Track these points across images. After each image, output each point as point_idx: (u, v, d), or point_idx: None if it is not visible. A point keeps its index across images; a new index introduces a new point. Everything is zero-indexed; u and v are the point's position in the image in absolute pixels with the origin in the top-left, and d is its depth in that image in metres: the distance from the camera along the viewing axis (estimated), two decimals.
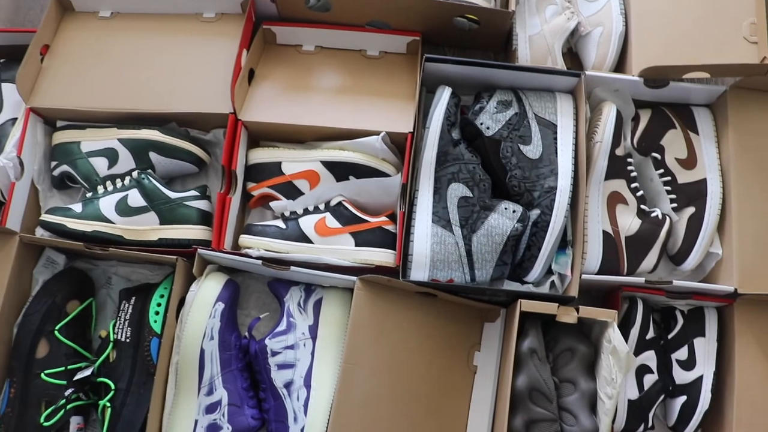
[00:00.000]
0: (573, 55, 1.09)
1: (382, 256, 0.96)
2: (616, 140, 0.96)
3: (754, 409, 0.91)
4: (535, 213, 0.94)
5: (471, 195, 0.93)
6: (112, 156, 0.99)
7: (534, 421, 0.89)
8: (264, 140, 1.05)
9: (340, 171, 0.99)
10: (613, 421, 0.94)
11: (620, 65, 1.04)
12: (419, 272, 0.92)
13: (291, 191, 1.00)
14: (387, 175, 0.99)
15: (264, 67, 1.06)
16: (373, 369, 0.91)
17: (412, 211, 0.94)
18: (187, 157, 1.01)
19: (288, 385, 0.93)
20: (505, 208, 0.93)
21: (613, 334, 0.88)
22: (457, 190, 0.94)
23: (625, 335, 0.94)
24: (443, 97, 0.96)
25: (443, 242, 0.92)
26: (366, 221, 0.98)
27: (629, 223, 0.96)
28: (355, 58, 1.08)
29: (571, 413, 0.90)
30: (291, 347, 0.93)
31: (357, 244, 0.97)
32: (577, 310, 0.90)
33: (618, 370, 0.86)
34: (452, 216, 0.93)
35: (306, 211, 0.99)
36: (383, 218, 0.98)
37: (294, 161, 0.99)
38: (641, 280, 0.92)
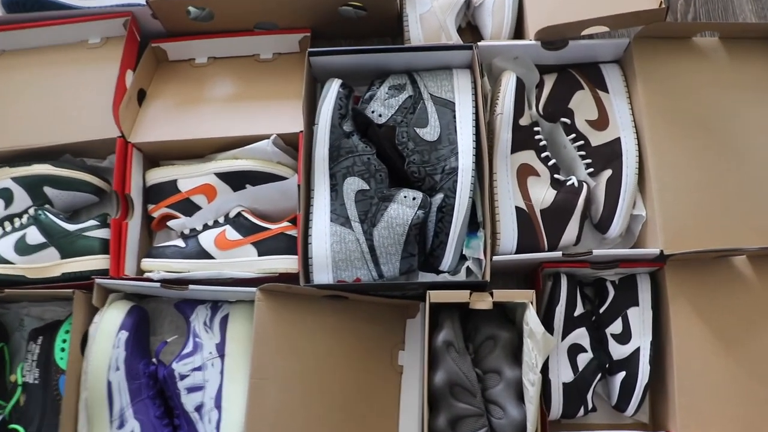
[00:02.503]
0: (473, 28, 1.04)
1: (287, 263, 0.92)
2: (519, 110, 0.91)
3: (694, 374, 0.84)
4: (438, 197, 0.89)
5: (368, 187, 0.88)
6: (6, 196, 0.96)
7: (459, 417, 0.83)
8: (163, 160, 1.01)
9: (236, 181, 0.95)
10: (549, 407, 0.87)
11: (519, 31, 0.99)
12: (322, 275, 0.87)
13: (190, 208, 0.96)
14: (284, 179, 0.95)
15: (156, 86, 1.03)
16: (284, 382, 0.86)
17: (309, 212, 0.89)
18: (84, 188, 0.98)
19: (199, 408, 0.88)
20: (405, 197, 0.88)
21: (529, 315, 0.82)
22: (353, 184, 0.89)
23: (551, 314, 0.88)
24: (331, 89, 0.91)
25: (343, 240, 0.87)
26: (267, 229, 0.94)
27: (543, 195, 0.90)
28: (249, 64, 1.05)
29: (498, 405, 0.84)
30: (199, 368, 0.89)
31: (260, 254, 0.93)
32: (492, 295, 0.84)
33: (537, 354, 0.80)
34: (350, 212, 0.88)
35: (206, 227, 0.95)
36: (285, 223, 0.94)
37: (189, 177, 0.96)
38: (558, 254, 0.86)
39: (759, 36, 0.94)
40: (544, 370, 0.87)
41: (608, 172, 0.91)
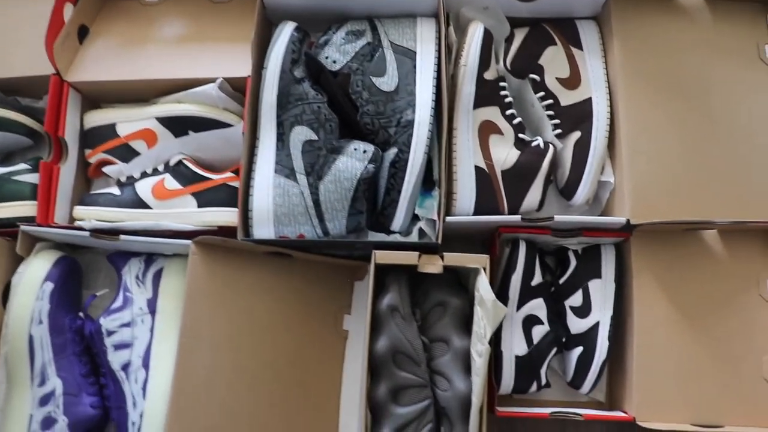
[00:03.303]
0: None
1: (228, 216, 0.85)
2: (485, 62, 0.84)
3: (654, 353, 0.79)
4: (392, 152, 0.83)
5: (317, 138, 0.82)
6: None
7: (401, 387, 0.77)
8: (105, 102, 0.94)
9: (178, 126, 0.88)
10: (500, 381, 0.81)
11: None
12: (263, 229, 0.81)
13: (128, 154, 0.89)
14: (229, 126, 0.88)
15: (101, 24, 0.96)
16: (217, 342, 0.80)
17: (252, 161, 0.83)
18: (16, 129, 0.91)
19: (126, 367, 0.82)
20: (355, 149, 0.81)
21: (481, 281, 0.75)
22: (301, 134, 0.82)
23: (507, 283, 0.82)
24: (284, 32, 0.85)
25: (287, 193, 0.81)
26: (209, 179, 0.87)
27: (505, 155, 0.84)
28: (202, 5, 0.97)
29: (444, 376, 0.78)
30: (128, 325, 0.83)
31: (200, 205, 0.86)
32: (443, 258, 0.77)
33: (487, 323, 0.74)
34: (296, 163, 0.82)
35: (144, 175, 0.88)
36: (228, 174, 0.88)
37: (129, 121, 0.89)
38: (517, 218, 0.80)
39: None
40: (496, 341, 0.81)
41: (577, 135, 0.85)
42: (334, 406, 0.86)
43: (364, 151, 0.81)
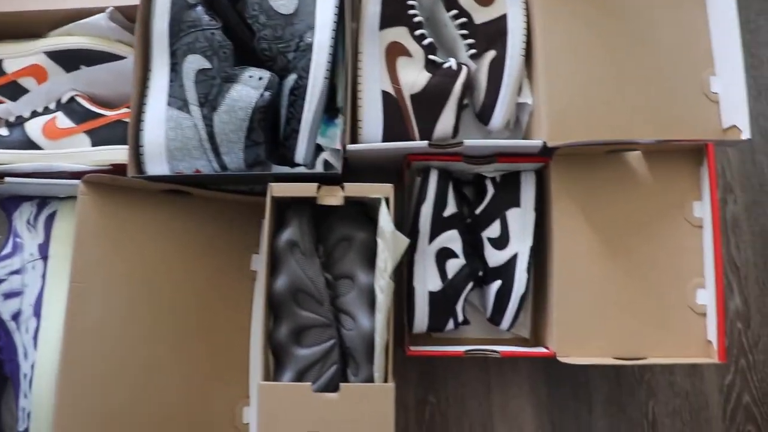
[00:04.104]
0: None
1: (123, 154, 0.79)
2: None
3: (574, 284, 0.74)
4: (291, 79, 0.77)
5: (210, 66, 0.76)
6: None
7: (303, 327, 0.73)
8: None
9: (69, 61, 0.83)
10: (413, 319, 0.77)
11: None
12: (156, 165, 0.76)
13: (17, 92, 0.84)
14: (123, 58, 0.82)
15: None
16: (111, 287, 0.75)
17: (144, 94, 0.77)
18: None
19: (16, 317, 0.78)
20: (250, 76, 0.75)
21: (381, 211, 0.70)
22: (194, 63, 0.76)
23: (418, 214, 0.76)
24: None
25: (180, 126, 0.75)
26: (102, 116, 0.81)
27: (415, 78, 0.78)
28: None
29: (350, 314, 0.73)
30: (17, 272, 0.78)
31: (94, 144, 0.81)
32: (344, 189, 0.72)
33: (388, 256, 0.69)
34: (189, 94, 0.76)
35: (34, 114, 0.83)
36: (124, 110, 0.82)
37: (15, 57, 0.83)
38: (424, 144, 0.74)
39: None
40: (409, 277, 0.76)
41: (491, 54, 0.78)
42: (243, 349, 0.82)
43: (260, 78, 0.75)
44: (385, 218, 0.69)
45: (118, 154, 0.80)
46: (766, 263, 0.88)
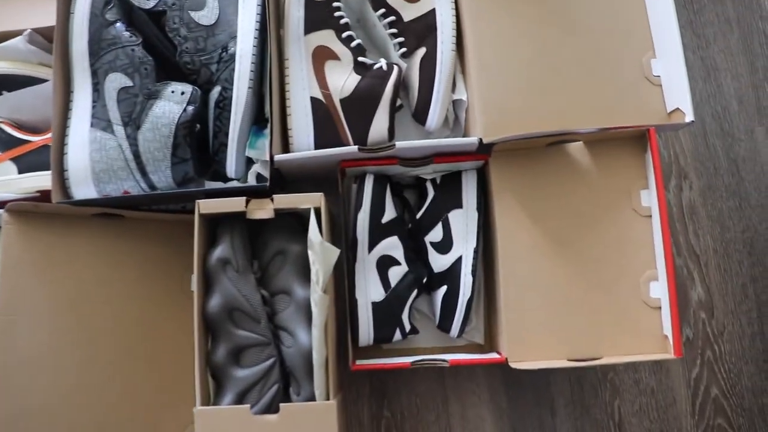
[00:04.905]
0: None
1: (48, 180, 0.77)
2: None
3: (521, 286, 0.71)
4: (215, 91, 0.74)
5: (132, 84, 0.73)
6: None
7: (241, 347, 0.70)
8: None
9: None
10: (357, 332, 0.73)
11: None
12: (82, 189, 0.73)
13: None
14: (45, 81, 0.79)
15: None
16: (43, 318, 0.72)
17: (67, 117, 0.74)
18: None
19: None
20: (172, 92, 0.73)
21: (311, 222, 0.67)
22: (115, 81, 0.74)
23: (355, 221, 0.73)
24: None
25: (104, 147, 0.73)
26: (27, 142, 0.79)
27: (344, 81, 0.75)
28: None
29: (288, 330, 0.71)
30: None
31: (21, 171, 0.78)
32: (273, 201, 0.69)
33: (319, 268, 0.66)
34: (112, 114, 0.73)
35: None
36: (49, 134, 0.79)
37: None
38: (353, 149, 0.71)
39: None
40: (351, 288, 0.73)
41: (422, 51, 0.76)
42: (189, 373, 0.78)
43: (182, 93, 0.73)
44: (314, 229, 0.67)
45: (46, 180, 0.77)
46: (726, 249, 0.85)
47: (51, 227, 0.74)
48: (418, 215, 0.76)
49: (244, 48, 0.73)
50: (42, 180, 0.78)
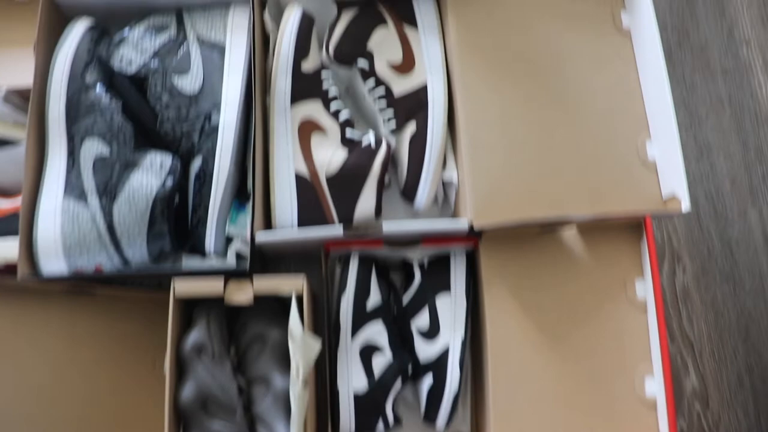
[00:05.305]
0: None
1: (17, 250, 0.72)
2: (302, 51, 0.72)
3: (511, 379, 0.68)
4: (196, 163, 0.71)
5: (109, 151, 0.70)
6: None
7: None
8: None
9: None
10: (338, 424, 0.70)
11: None
12: (52, 263, 0.69)
13: None
14: (20, 143, 0.76)
15: None
16: (6, 402, 0.67)
17: (39, 183, 0.70)
18: None
19: None
20: (151, 162, 0.70)
21: (292, 310, 0.64)
22: (92, 148, 0.70)
23: (338, 306, 0.70)
24: (74, 31, 0.73)
25: (76, 219, 0.69)
26: None
27: (330, 157, 0.72)
28: (1, 5, 0.85)
29: (265, 423, 0.66)
30: None
31: None
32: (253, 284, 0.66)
33: (300, 360, 0.62)
34: (87, 183, 0.70)
35: None
36: (20, 199, 0.75)
37: None
38: (338, 230, 0.68)
39: None
40: (332, 377, 0.70)
41: (412, 127, 0.73)
42: None
43: (161, 164, 0.70)
44: (295, 320, 0.63)
45: (14, 249, 0.73)
46: (720, 335, 0.83)
47: (15, 303, 0.70)
48: (405, 300, 0.72)
49: (228, 119, 0.70)
50: (8, 249, 0.74)
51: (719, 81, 0.90)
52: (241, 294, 0.66)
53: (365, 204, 0.72)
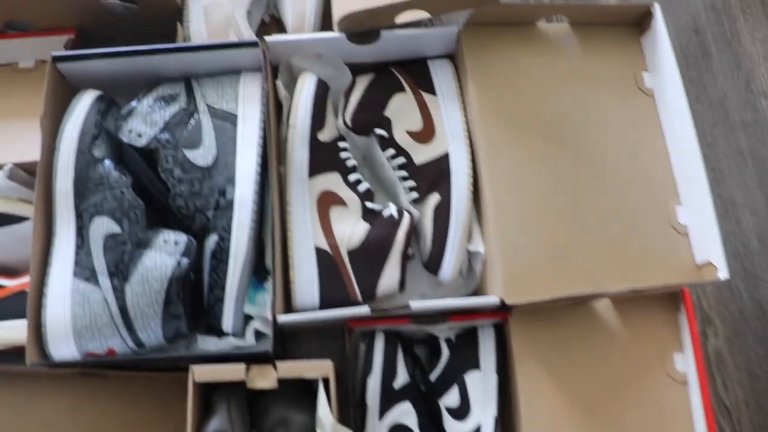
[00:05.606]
0: (280, 21, 0.83)
1: (25, 331, 0.69)
2: (318, 121, 0.70)
3: None
4: (212, 240, 0.68)
5: (120, 230, 0.67)
6: None
7: None
8: None
9: None
10: None
11: (329, 22, 0.78)
12: (62, 347, 0.66)
13: None
14: (25, 220, 0.73)
15: None
16: None
17: (47, 263, 0.67)
18: None
19: None
20: (165, 241, 0.67)
21: (319, 397, 0.60)
22: (102, 227, 0.67)
23: (365, 387, 0.66)
24: (81, 104, 0.71)
25: (87, 301, 0.66)
26: (1, 287, 0.71)
27: (351, 230, 0.69)
28: (4, 74, 0.83)
29: None
30: None
31: None
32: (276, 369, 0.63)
33: None
34: (98, 263, 0.67)
35: None
36: (26, 278, 0.72)
37: None
38: (365, 309, 0.65)
39: (618, 22, 0.75)
40: None
41: (435, 198, 0.71)
42: None
43: (175, 243, 0.67)
44: (324, 408, 0.60)
45: (19, 331, 0.70)
46: (758, 401, 0.80)
47: (22, 387, 0.67)
48: (433, 377, 0.69)
49: (244, 195, 0.68)
50: (14, 332, 0.70)
51: (740, 135, 0.88)
52: (265, 380, 0.63)
53: (389, 278, 0.69)
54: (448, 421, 0.68)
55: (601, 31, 0.74)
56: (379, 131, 0.72)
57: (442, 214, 0.70)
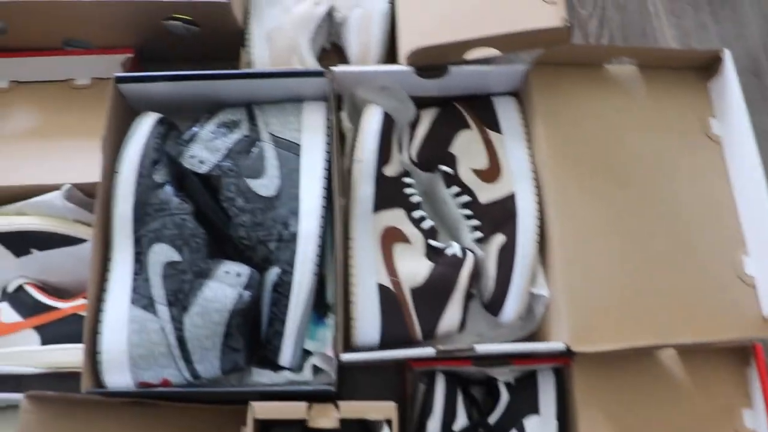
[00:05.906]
0: (342, 50, 0.83)
1: (78, 355, 0.68)
2: (384, 156, 0.69)
3: None
4: (273, 273, 0.67)
5: (180, 258, 0.66)
6: None
7: None
8: None
9: (19, 243, 0.73)
10: None
11: (395, 54, 0.77)
12: (117, 375, 0.65)
13: None
14: (82, 242, 0.72)
15: None
16: None
17: (103, 289, 0.66)
18: None
19: None
20: (226, 272, 0.66)
21: None
22: (161, 254, 0.66)
23: (423, 429, 0.65)
24: (142, 127, 0.70)
25: (144, 329, 0.65)
26: (54, 309, 0.71)
27: (415, 268, 0.68)
28: (61, 91, 0.83)
29: None
30: None
31: (44, 342, 0.71)
32: (338, 408, 0.62)
33: None
34: (156, 291, 0.66)
35: None
36: (81, 301, 0.71)
37: None
38: (430, 351, 0.64)
39: (685, 66, 0.74)
40: None
41: (500, 238, 0.70)
42: None
43: (238, 275, 0.66)
44: None
45: (72, 355, 0.69)
46: None
47: (76, 416, 0.66)
48: (492, 420, 0.68)
49: (309, 229, 0.67)
50: (68, 354, 0.70)
51: None
52: (327, 419, 0.62)
53: (450, 318, 0.68)
54: None
55: (667, 75, 0.74)
56: (444, 168, 0.72)
57: (507, 255, 0.69)
